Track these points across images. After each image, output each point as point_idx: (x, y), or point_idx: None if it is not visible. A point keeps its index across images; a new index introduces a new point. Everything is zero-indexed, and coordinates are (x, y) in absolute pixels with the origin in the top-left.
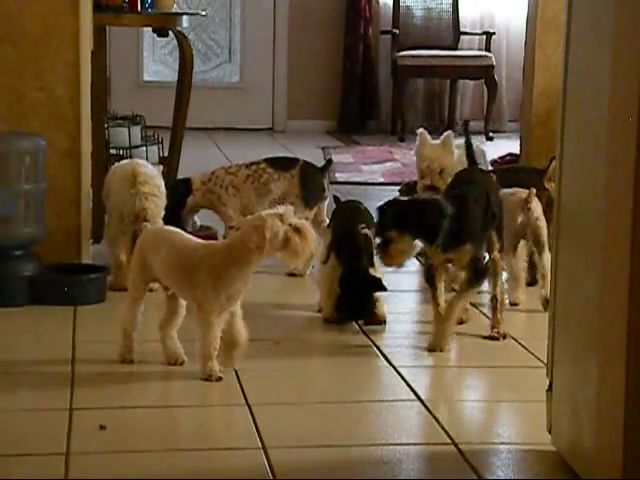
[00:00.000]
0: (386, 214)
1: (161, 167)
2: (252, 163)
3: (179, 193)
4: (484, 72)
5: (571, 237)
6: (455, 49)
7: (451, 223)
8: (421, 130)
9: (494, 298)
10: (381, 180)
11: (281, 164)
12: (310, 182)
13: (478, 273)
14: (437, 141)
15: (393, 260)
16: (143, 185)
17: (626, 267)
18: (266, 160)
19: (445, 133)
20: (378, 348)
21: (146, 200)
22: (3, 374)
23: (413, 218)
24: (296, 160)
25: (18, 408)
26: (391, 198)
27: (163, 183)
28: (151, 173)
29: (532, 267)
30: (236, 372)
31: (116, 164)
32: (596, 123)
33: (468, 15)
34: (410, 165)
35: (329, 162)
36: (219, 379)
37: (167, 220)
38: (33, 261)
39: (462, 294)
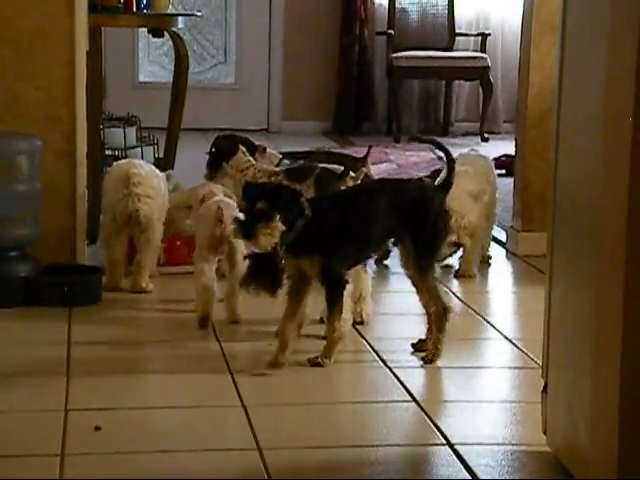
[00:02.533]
0: (254, 191)
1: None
2: (273, 173)
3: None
4: (479, 73)
5: (566, 237)
6: (450, 50)
7: (305, 226)
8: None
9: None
10: None
11: (297, 174)
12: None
13: (330, 286)
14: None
15: (259, 241)
16: (136, 186)
17: (621, 268)
18: (285, 171)
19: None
20: (373, 349)
21: (139, 201)
22: None
23: (280, 198)
24: (313, 168)
25: (13, 409)
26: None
27: (163, 184)
28: (146, 174)
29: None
30: (231, 373)
31: (115, 163)
32: (591, 123)
33: (463, 16)
34: (405, 166)
35: (347, 170)
36: None
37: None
38: (28, 262)
39: (329, 312)
